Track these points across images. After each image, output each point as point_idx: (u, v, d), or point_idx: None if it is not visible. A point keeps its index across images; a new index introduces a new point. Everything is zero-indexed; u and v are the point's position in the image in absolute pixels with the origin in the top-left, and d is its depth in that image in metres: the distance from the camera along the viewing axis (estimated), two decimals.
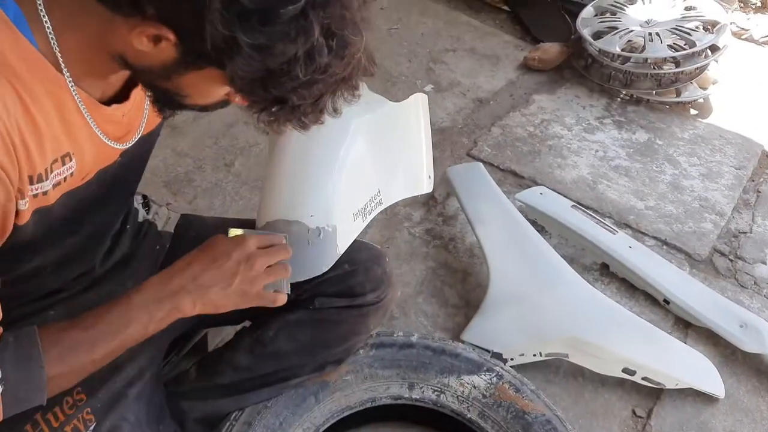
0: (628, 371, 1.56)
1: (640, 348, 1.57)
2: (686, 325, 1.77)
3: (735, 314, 1.72)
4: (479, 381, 1.33)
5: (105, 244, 1.08)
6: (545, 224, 2.00)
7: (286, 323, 1.19)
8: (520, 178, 2.23)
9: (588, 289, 1.68)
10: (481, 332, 1.63)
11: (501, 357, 1.57)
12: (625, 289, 1.85)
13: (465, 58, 2.86)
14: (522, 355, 1.58)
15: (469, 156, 2.31)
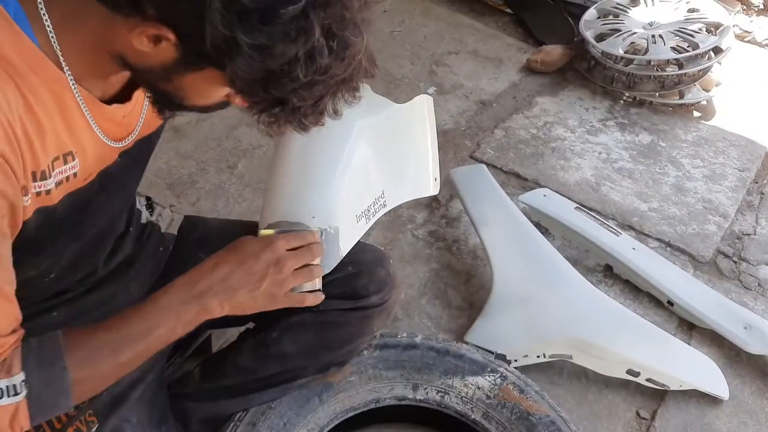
0: (632, 373, 1.55)
1: (644, 349, 1.57)
2: (690, 326, 1.77)
3: (739, 316, 1.72)
4: (483, 382, 1.33)
5: (108, 246, 1.08)
6: (548, 226, 1.99)
7: (290, 325, 1.19)
8: (523, 180, 2.23)
9: (592, 290, 1.67)
10: (484, 334, 1.63)
11: (505, 358, 1.56)
12: (629, 291, 1.85)
13: (468, 60, 2.86)
14: (526, 356, 1.58)
15: (472, 158, 2.31)
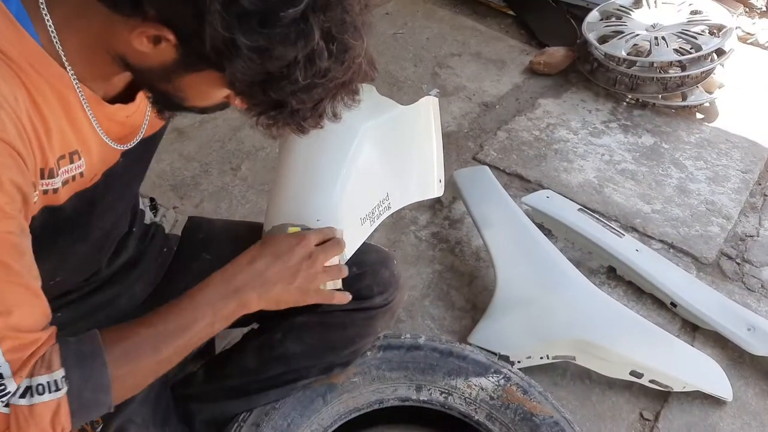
0: (636, 374, 1.55)
1: (648, 351, 1.57)
2: (693, 328, 1.77)
3: (742, 317, 1.71)
4: (487, 383, 1.33)
5: (111, 247, 1.08)
6: (552, 227, 1.99)
7: (294, 326, 1.19)
8: (526, 182, 2.23)
9: (595, 292, 1.67)
10: (488, 335, 1.63)
11: (508, 360, 1.57)
12: (632, 293, 1.85)
13: (470, 62, 2.87)
14: (529, 357, 1.58)
15: (475, 160, 2.31)
